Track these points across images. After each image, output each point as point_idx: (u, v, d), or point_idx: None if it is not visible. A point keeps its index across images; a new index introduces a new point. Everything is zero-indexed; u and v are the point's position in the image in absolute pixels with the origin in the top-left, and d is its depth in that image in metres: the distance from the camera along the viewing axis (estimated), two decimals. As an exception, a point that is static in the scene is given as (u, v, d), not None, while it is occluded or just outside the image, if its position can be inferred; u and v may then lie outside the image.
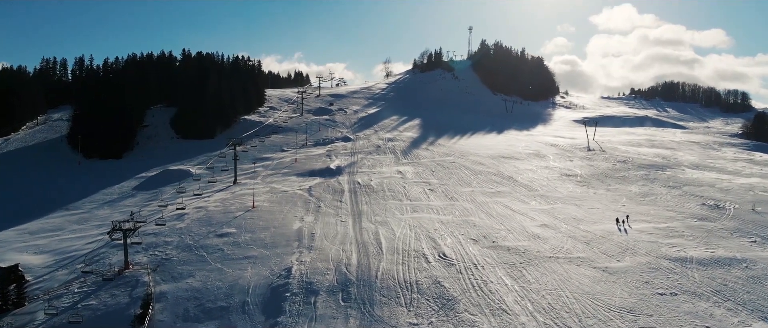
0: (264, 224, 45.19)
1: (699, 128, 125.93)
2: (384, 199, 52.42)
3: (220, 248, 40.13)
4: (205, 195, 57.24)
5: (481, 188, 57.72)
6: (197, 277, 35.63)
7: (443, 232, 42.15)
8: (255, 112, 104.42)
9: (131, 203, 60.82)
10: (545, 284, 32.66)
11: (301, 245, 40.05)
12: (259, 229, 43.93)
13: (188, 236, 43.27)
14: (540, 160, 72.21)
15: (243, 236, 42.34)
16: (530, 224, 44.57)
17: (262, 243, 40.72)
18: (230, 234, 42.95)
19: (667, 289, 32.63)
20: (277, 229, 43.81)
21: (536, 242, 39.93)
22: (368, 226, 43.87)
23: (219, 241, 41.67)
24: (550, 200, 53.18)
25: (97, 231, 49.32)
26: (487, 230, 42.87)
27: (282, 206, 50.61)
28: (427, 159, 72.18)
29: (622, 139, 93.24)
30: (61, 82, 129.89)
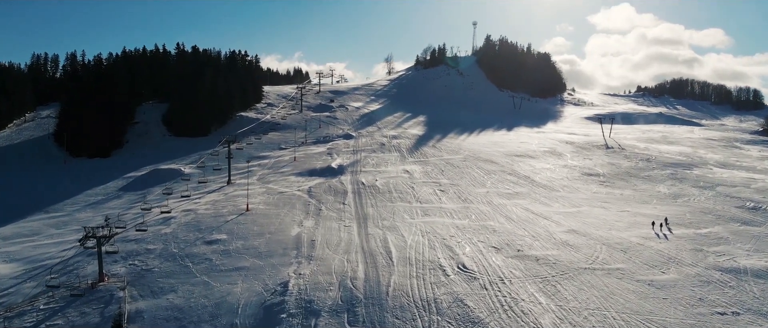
0: (259, 229, 40.45)
1: (713, 125, 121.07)
2: (391, 201, 47.66)
3: (207, 258, 35.38)
4: (195, 196, 52.47)
5: (497, 188, 52.97)
6: (180, 292, 30.88)
7: (460, 238, 37.39)
8: (252, 109, 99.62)
9: (116, 205, 56.14)
10: (585, 302, 27.89)
11: (299, 254, 35.29)
12: (253, 235, 39.19)
13: (173, 243, 38.53)
14: (557, 158, 67.44)
15: (234, 244, 37.59)
16: (556, 229, 39.78)
17: (256, 252, 35.96)
18: (220, 241, 38.22)
19: (727, 307, 27.90)
20: (273, 235, 39.07)
21: (567, 251, 35.15)
22: (375, 232, 39.12)
23: (207, 249, 36.92)
24: (574, 202, 48.44)
25: (74, 236, 44.47)
26: (509, 236, 38.10)
27: (279, 209, 45.85)
28: (435, 158, 67.43)
29: (639, 137, 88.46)
30: (53, 78, 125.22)
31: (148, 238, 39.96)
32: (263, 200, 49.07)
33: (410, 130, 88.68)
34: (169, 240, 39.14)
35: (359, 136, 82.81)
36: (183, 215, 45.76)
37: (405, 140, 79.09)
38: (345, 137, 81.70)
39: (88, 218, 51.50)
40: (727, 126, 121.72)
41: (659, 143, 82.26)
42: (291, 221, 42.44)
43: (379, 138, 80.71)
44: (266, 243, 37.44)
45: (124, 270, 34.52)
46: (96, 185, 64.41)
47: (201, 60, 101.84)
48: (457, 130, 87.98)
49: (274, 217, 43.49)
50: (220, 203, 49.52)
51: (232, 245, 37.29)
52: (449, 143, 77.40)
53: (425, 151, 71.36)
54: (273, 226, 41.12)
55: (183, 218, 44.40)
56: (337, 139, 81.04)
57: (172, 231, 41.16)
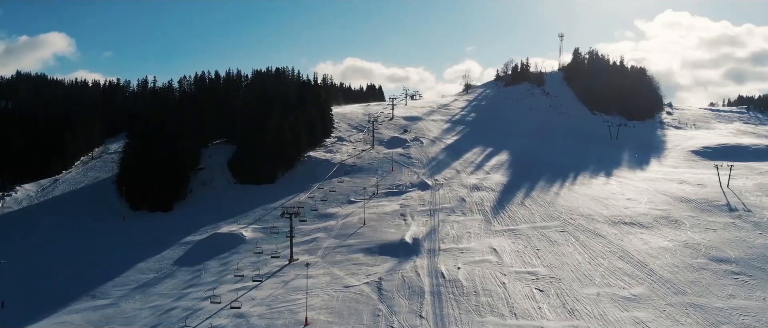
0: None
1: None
2: (479, 312, 38.86)
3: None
4: (250, 282, 45.74)
5: (609, 286, 43.02)
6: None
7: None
8: (321, 146, 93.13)
9: (168, 288, 50.51)
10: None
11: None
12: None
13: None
14: (674, 228, 56.08)
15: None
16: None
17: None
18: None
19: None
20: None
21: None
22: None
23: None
24: (709, 316, 37.88)
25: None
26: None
27: (343, 322, 38.17)
28: (525, 224, 57.91)
29: (762, 184, 74.31)
30: (124, 106, 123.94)
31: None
32: (325, 303, 41.47)
33: (493, 175, 79.11)
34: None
35: (436, 185, 74.21)
36: (230, 322, 39.13)
37: (488, 193, 69.82)
38: (420, 187, 73.32)
39: (134, 310, 46.05)
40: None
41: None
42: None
43: (458, 189, 71.80)
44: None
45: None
46: (151, 253, 59.34)
47: (269, 94, 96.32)
48: (548, 176, 77.53)
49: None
50: (276, 303, 42.43)
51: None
52: (540, 198, 67.44)
53: (513, 212, 61.90)
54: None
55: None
56: (411, 189, 72.80)
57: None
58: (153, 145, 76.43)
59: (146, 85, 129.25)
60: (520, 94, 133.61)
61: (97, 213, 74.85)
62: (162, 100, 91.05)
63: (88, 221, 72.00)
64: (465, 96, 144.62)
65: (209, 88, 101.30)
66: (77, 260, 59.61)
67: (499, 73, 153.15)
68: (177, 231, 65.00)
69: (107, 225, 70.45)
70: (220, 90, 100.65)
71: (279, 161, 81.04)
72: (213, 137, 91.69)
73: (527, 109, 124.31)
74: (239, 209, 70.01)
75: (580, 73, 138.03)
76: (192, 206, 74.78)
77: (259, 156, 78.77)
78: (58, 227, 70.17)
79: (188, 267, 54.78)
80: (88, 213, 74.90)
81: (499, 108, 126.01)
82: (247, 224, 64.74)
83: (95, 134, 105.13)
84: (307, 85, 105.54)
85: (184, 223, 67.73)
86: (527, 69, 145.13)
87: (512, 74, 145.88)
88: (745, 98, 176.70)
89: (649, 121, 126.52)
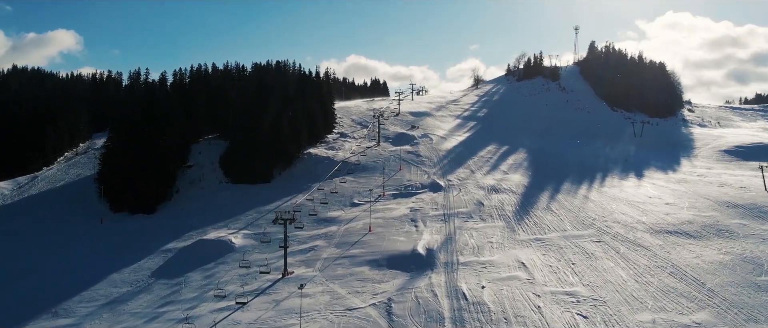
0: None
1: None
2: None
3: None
4: (232, 303, 38.48)
5: (664, 310, 35.63)
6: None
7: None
8: (322, 143, 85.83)
9: (141, 305, 43.48)
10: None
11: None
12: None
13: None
14: (726, 239, 48.48)
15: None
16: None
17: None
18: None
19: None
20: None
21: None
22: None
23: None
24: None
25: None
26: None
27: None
28: (555, 232, 50.56)
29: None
30: (114, 100, 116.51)
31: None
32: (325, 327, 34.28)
33: (512, 175, 71.71)
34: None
35: (449, 185, 66.87)
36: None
37: (508, 195, 62.50)
38: (431, 188, 65.97)
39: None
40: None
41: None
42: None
43: (474, 191, 64.45)
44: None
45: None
46: (127, 262, 52.17)
47: (267, 84, 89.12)
48: (573, 177, 70.21)
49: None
50: (267, 325, 35.33)
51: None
52: (568, 202, 60.10)
53: (539, 218, 54.54)
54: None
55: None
56: (422, 191, 65.50)
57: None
58: (136, 141, 69.29)
59: (139, 77, 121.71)
60: (534, 89, 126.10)
61: (74, 215, 67.82)
62: (149, 93, 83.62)
63: (62, 223, 64.98)
64: (474, 91, 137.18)
65: (203, 80, 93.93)
66: (44, 269, 52.59)
67: (511, 68, 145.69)
68: (159, 236, 57.89)
69: (83, 229, 63.36)
70: (214, 82, 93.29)
71: (275, 159, 73.86)
72: (205, 132, 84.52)
73: (542, 104, 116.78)
74: (230, 212, 62.88)
75: (598, 67, 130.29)
76: (178, 207, 67.63)
77: (253, 153, 71.62)
78: (29, 230, 63.17)
79: (167, 280, 47.64)
80: (64, 215, 67.90)
81: (512, 103, 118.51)
82: (238, 229, 57.59)
83: (81, 129, 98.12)
84: (307, 78, 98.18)
85: (167, 227, 60.64)
86: (540, 63, 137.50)
87: (525, 69, 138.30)
88: (764, 97, 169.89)
89: (671, 118, 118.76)
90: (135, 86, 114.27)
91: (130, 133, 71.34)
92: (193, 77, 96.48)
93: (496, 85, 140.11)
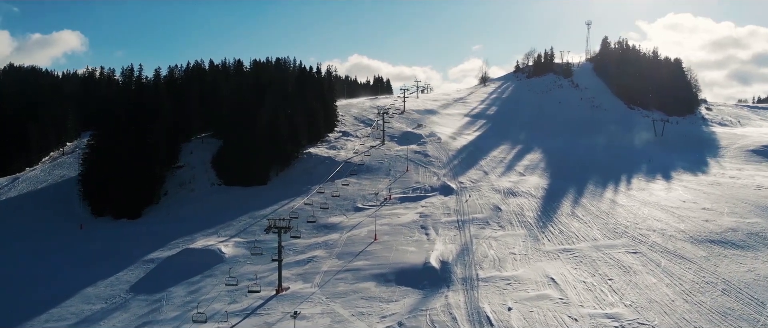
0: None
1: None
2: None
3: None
4: None
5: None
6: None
7: None
8: (323, 142, 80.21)
9: (114, 325, 37.90)
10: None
11: None
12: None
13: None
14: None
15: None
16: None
17: None
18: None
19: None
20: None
21: None
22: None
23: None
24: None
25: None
26: None
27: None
28: (584, 242, 44.89)
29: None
30: (105, 97, 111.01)
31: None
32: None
33: (530, 177, 66.06)
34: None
35: (461, 188, 61.21)
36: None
37: (528, 199, 56.82)
38: (442, 191, 60.32)
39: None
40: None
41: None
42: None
43: (489, 194, 58.77)
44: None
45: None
46: (104, 274, 46.64)
47: (264, 80, 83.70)
48: (596, 179, 64.53)
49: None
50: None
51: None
52: (594, 206, 54.43)
53: (564, 225, 48.85)
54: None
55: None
56: (432, 194, 59.85)
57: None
58: (121, 140, 63.82)
59: (133, 73, 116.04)
60: (545, 87, 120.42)
61: (54, 219, 62.36)
62: (138, 89, 78.24)
63: (39, 229, 59.40)
64: (482, 89, 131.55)
65: (196, 75, 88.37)
66: (13, 282, 47.07)
67: (519, 65, 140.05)
68: (142, 244, 52.35)
69: (61, 235, 57.80)
70: (208, 78, 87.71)
71: (272, 159, 68.27)
72: (198, 130, 78.99)
73: (556, 102, 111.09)
74: (221, 217, 57.29)
75: (612, 64, 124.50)
76: (165, 212, 62.03)
77: (248, 152, 66.04)
78: (2, 237, 57.59)
79: (147, 295, 42.09)
80: (42, 219, 62.39)
81: (523, 101, 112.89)
82: (229, 236, 52.04)
83: (69, 127, 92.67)
84: (307, 73, 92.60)
85: (152, 233, 55.11)
86: (551, 59, 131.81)
87: (535, 65, 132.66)
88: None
89: (690, 117, 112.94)
90: (128, 83, 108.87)
91: (115, 132, 65.80)
92: (186, 73, 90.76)
93: (504, 82, 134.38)
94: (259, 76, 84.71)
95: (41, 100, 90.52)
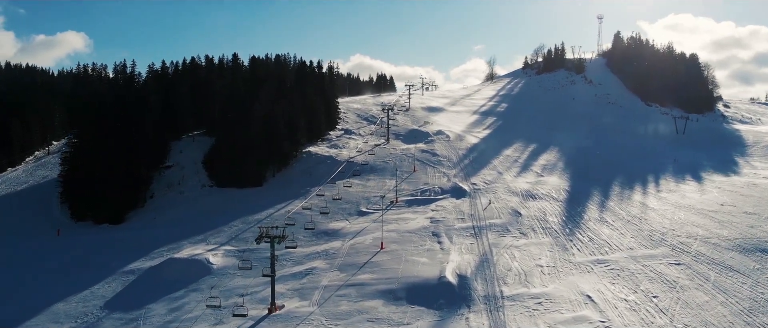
0: None
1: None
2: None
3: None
4: None
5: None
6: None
7: None
8: (324, 140, 75.04)
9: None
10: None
11: None
12: None
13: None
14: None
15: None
16: None
17: None
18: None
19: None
20: None
21: None
22: None
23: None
24: None
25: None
26: None
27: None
28: (619, 252, 39.62)
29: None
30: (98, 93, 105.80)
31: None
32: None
33: (548, 178, 60.81)
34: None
35: (474, 190, 55.98)
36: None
37: (549, 203, 51.53)
38: (454, 193, 55.08)
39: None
40: None
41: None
42: None
43: (506, 197, 53.50)
44: None
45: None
46: (78, 287, 41.50)
47: (259, 75, 78.63)
48: (621, 180, 59.33)
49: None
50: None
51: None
52: (624, 210, 49.18)
53: (594, 232, 43.57)
54: None
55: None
56: (442, 196, 54.62)
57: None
58: (105, 138, 58.73)
59: (125, 69, 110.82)
60: (557, 83, 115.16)
61: (30, 225, 57.31)
62: (126, 84, 73.24)
63: (12, 235, 54.32)
64: (490, 85, 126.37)
65: (189, 71, 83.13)
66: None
67: (528, 61, 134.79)
68: (122, 252, 47.18)
69: (36, 242, 52.62)
70: (201, 72, 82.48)
71: (268, 158, 63.09)
72: (190, 128, 73.87)
73: (569, 98, 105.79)
74: (211, 222, 52.08)
75: (626, 59, 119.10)
76: (150, 216, 56.87)
77: (242, 151, 60.92)
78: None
79: (122, 313, 36.94)
80: (19, 224, 57.39)
81: (535, 98, 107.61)
82: (219, 244, 46.88)
83: (56, 125, 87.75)
84: (307, 67, 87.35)
85: (134, 240, 49.87)
86: (562, 55, 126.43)
87: (545, 61, 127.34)
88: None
89: (709, 114, 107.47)
90: (120, 80, 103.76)
91: (98, 130, 60.68)
92: (178, 68, 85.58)
93: (512, 79, 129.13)
94: (256, 70, 79.51)
95: (29, 98, 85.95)
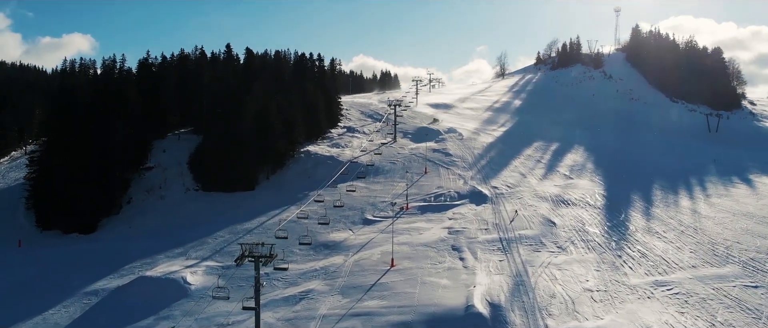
0: None
1: None
2: None
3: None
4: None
5: None
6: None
7: None
8: (324, 139, 68.03)
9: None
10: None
11: None
12: None
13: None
14: None
15: None
16: None
17: None
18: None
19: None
20: None
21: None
22: None
23: None
24: None
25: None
26: None
27: None
28: (680, 271, 32.65)
29: None
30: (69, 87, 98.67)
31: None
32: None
33: (579, 181, 53.74)
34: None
35: (497, 195, 48.86)
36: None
37: (585, 210, 44.51)
38: (473, 199, 47.96)
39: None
40: None
41: None
42: None
43: (533, 203, 46.44)
44: None
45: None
46: (30, 312, 34.75)
47: (253, 67, 71.78)
48: (661, 183, 52.37)
49: None
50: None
51: None
52: (672, 218, 42.30)
53: (646, 246, 36.58)
54: None
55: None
56: (460, 202, 47.51)
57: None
58: (78, 137, 51.89)
59: (114, 65, 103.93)
60: (574, 78, 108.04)
61: None
62: (105, 78, 66.47)
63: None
64: (501, 82, 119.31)
65: (178, 63, 76.17)
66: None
67: (541, 56, 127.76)
68: (88, 268, 40.26)
69: (3, 249, 45.78)
70: (191, 66, 75.51)
71: (262, 159, 56.07)
72: (176, 126, 66.98)
73: (588, 94, 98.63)
74: (194, 232, 45.10)
75: (646, 53, 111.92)
76: (126, 224, 49.78)
77: (232, 150, 53.86)
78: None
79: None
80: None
81: (551, 94, 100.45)
82: (200, 258, 39.97)
83: (36, 124, 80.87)
84: (306, 60, 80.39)
85: (105, 253, 42.98)
86: (578, 50, 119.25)
87: (560, 56, 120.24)
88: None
89: (738, 111, 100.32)
90: (110, 75, 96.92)
91: (71, 127, 53.78)
92: (165, 61, 78.59)
93: (525, 74, 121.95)
94: (251, 63, 72.66)
95: (10, 95, 79.54)
